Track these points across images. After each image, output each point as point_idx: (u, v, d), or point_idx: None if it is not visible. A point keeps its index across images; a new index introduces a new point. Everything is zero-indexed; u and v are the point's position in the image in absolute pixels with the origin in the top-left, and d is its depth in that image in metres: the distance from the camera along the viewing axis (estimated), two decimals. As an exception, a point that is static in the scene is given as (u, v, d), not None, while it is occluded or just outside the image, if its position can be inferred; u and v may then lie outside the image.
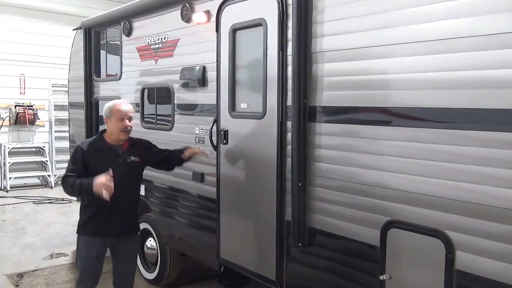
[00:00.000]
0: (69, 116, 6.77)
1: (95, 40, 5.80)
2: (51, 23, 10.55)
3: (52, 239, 6.67)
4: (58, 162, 10.67)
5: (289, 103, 3.18)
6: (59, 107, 10.77)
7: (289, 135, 3.21)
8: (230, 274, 3.95)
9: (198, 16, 4.05)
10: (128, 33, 5.06)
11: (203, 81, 4.04)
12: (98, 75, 5.82)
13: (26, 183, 10.46)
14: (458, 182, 2.34)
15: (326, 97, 2.99)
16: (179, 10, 4.25)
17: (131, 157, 3.52)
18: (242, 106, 3.68)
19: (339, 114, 2.94)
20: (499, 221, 2.19)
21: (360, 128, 2.80)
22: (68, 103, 6.79)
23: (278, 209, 3.32)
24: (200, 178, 4.11)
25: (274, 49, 3.29)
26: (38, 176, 10.75)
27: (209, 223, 4.03)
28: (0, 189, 10.13)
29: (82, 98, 5.83)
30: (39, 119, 10.58)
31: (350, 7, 2.84)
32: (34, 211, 8.36)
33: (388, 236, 2.65)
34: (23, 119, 10.21)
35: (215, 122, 3.87)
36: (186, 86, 4.24)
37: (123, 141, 3.52)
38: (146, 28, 4.85)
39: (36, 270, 5.42)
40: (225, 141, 3.78)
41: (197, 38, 4.15)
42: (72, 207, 8.29)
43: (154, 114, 4.77)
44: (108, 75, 5.71)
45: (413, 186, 2.53)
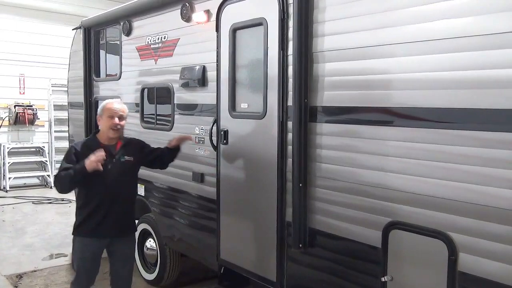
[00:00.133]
0: (68, 116, 6.76)
1: (94, 39, 5.78)
2: (51, 23, 10.55)
3: (51, 239, 6.66)
4: (57, 162, 10.57)
5: (289, 103, 3.17)
6: (58, 107, 10.78)
7: (289, 135, 3.19)
8: (230, 275, 3.93)
9: (198, 15, 4.03)
10: (128, 32, 5.05)
11: (203, 81, 4.02)
12: (98, 75, 5.80)
13: (25, 183, 10.46)
14: (460, 182, 2.32)
15: (327, 97, 2.98)
16: (179, 10, 4.23)
17: (125, 156, 3.52)
18: (243, 106, 3.66)
19: (340, 114, 2.92)
20: (503, 222, 2.17)
21: (361, 128, 2.78)
22: (68, 103, 6.78)
23: (279, 209, 3.31)
24: (200, 178, 4.10)
25: (274, 48, 3.28)
26: (38, 176, 10.74)
27: (209, 224, 4.01)
28: (0, 189, 10.12)
29: (81, 98, 5.82)
30: (39, 119, 10.59)
31: (351, 7, 2.82)
32: (33, 211, 8.35)
33: (390, 237, 2.63)
34: (22, 119, 10.21)
35: (215, 122, 3.85)
36: (186, 86, 4.23)
37: (115, 140, 3.52)
38: (145, 27, 4.84)
39: (35, 271, 5.41)
40: (225, 141, 3.76)
41: (197, 38, 4.14)
42: (72, 207, 8.21)
43: (154, 114, 4.76)
44: (107, 75, 5.69)
45: (415, 187, 2.51)
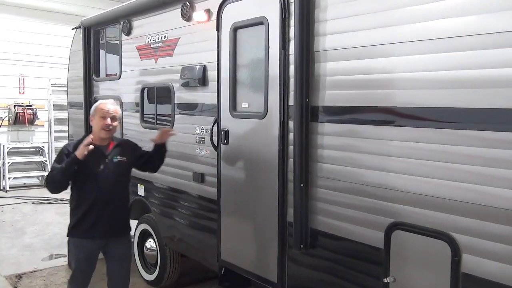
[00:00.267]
0: (68, 116, 6.74)
1: (94, 39, 5.76)
2: (51, 22, 10.54)
3: (51, 239, 6.64)
4: (57, 162, 10.63)
5: (291, 102, 3.15)
6: (58, 107, 10.77)
7: (291, 135, 3.17)
8: (230, 275, 3.91)
9: (199, 14, 4.01)
10: (128, 32, 5.03)
11: (203, 80, 4.00)
12: (98, 75, 5.78)
13: (25, 183, 10.43)
14: (463, 183, 2.30)
15: (328, 96, 2.96)
16: (179, 9, 4.21)
17: (118, 156, 3.51)
18: (243, 105, 3.64)
19: (342, 114, 2.90)
20: (507, 223, 2.15)
21: (363, 128, 2.76)
22: (68, 103, 6.77)
23: (280, 210, 3.29)
24: (201, 178, 4.08)
25: (275, 48, 3.26)
26: (38, 176, 10.71)
27: (209, 224, 4.00)
28: (-1, 189, 10.12)
29: (81, 97, 5.80)
30: (39, 119, 10.58)
31: (353, 5, 2.80)
32: (33, 211, 8.34)
33: (392, 238, 2.61)
34: (22, 119, 10.20)
35: (216, 122, 3.83)
36: (186, 85, 4.21)
37: (108, 141, 3.51)
38: (146, 27, 4.82)
39: (35, 271, 5.40)
40: (225, 141, 3.74)
41: (197, 37, 4.12)
42: (72, 207, 8.25)
43: (154, 114, 4.74)
44: (107, 75, 5.67)
45: (417, 187, 2.49)
